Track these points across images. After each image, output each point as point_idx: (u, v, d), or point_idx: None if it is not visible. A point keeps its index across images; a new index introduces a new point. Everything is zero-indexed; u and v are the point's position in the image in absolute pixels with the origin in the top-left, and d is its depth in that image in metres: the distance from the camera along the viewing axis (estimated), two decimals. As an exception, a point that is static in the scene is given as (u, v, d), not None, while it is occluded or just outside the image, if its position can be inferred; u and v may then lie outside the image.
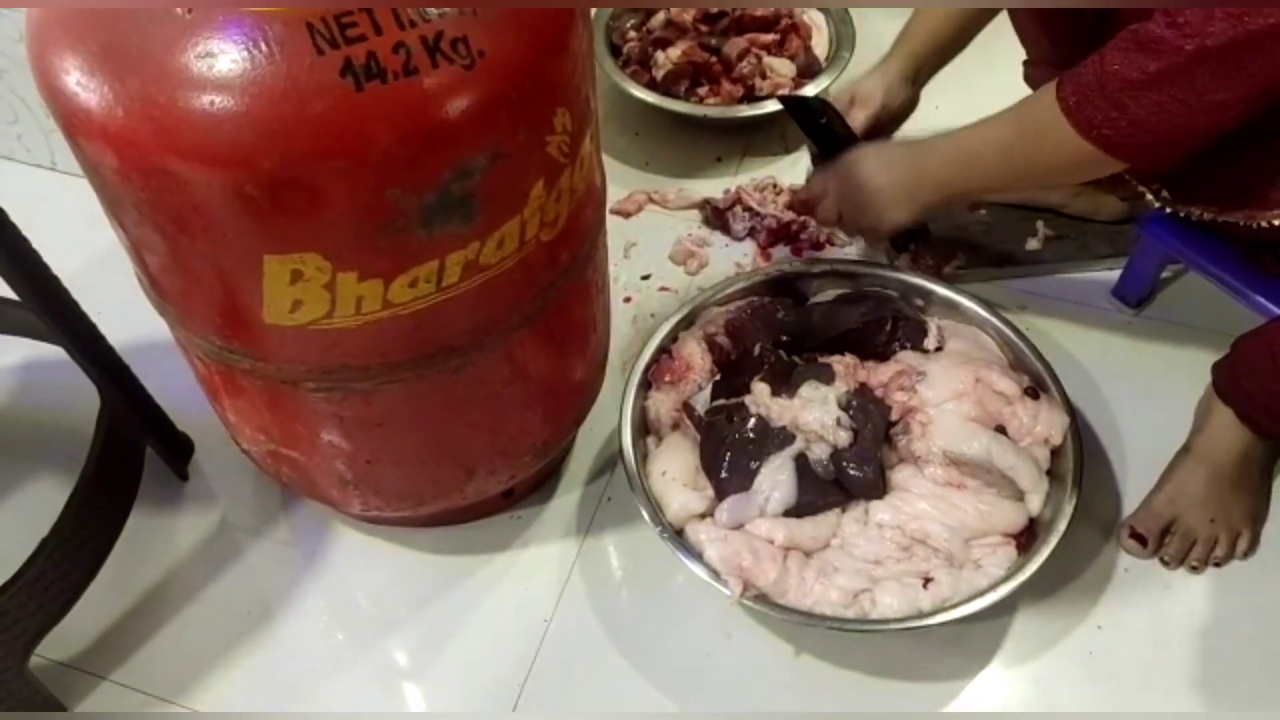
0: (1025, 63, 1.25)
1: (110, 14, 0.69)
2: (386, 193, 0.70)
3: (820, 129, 1.25)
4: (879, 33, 1.56)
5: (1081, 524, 1.10)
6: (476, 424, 0.95)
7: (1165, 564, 1.09)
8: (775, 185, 1.44)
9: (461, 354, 0.86)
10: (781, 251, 1.40)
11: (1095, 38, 1.06)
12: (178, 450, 1.19)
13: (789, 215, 1.40)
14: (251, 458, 1.05)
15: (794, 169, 1.48)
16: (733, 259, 1.40)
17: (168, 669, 1.06)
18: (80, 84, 0.69)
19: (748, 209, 1.41)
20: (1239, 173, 0.93)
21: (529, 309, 0.88)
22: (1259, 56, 0.82)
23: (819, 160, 1.27)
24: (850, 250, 1.39)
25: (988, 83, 1.33)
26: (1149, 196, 1.10)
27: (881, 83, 1.23)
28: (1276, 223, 0.97)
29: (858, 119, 1.24)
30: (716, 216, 1.43)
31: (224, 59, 0.66)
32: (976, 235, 1.35)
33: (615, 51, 1.56)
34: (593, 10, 1.58)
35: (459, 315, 0.83)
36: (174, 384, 1.09)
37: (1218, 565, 1.09)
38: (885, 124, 1.26)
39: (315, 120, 0.66)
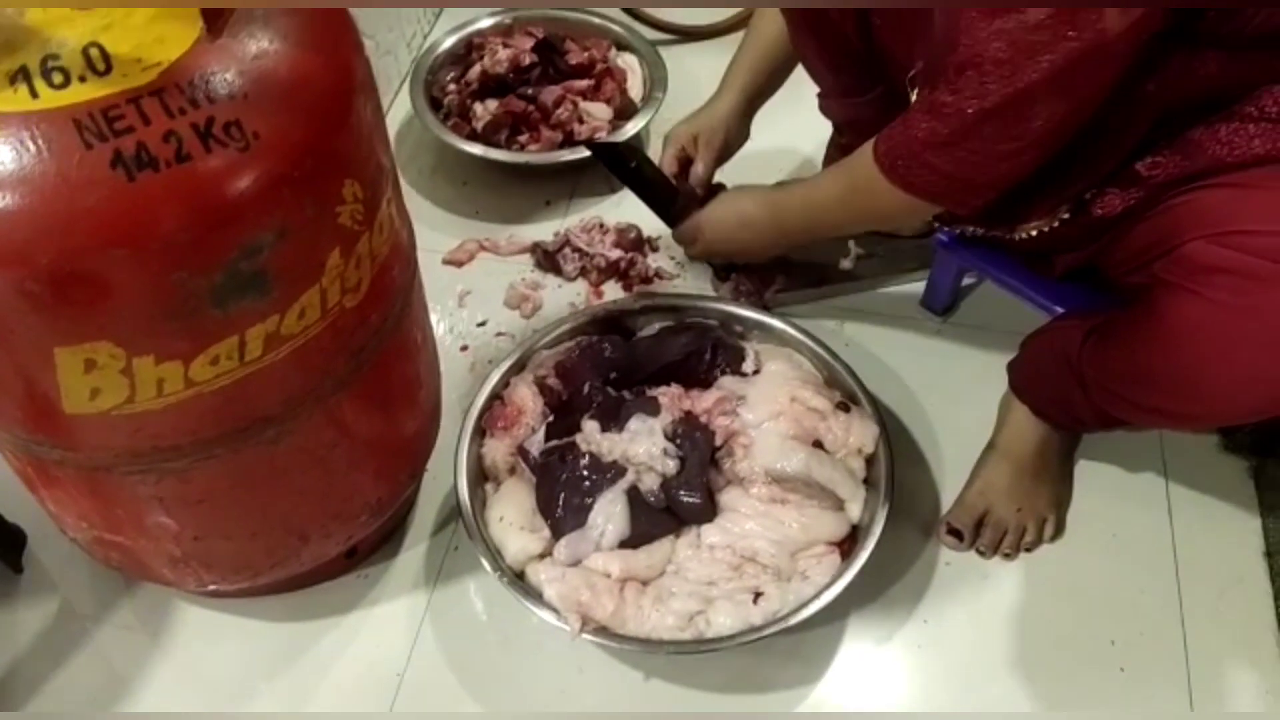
0: (819, 95, 1.32)
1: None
2: (173, 276, 0.71)
3: (630, 172, 1.30)
4: (691, 71, 1.62)
5: (903, 525, 1.17)
6: (304, 490, 0.96)
7: (981, 554, 1.16)
8: (602, 225, 1.48)
9: (277, 424, 0.87)
10: (614, 288, 1.44)
11: (871, 74, 1.14)
12: (9, 542, 1.16)
13: (617, 253, 1.45)
14: (79, 545, 1.03)
15: (618, 208, 1.53)
16: (566, 299, 1.44)
17: (11, 769, 1.04)
18: None
19: (577, 250, 1.45)
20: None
21: (342, 373, 0.89)
22: (1034, 106, 0.89)
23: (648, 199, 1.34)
24: (677, 283, 1.44)
25: (792, 120, 1.41)
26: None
27: (723, 123, 1.32)
28: (1033, 234, 1.06)
29: (706, 161, 1.32)
30: (547, 259, 1.46)
31: (-8, 160, 0.67)
32: (793, 259, 1.41)
33: (436, 105, 1.59)
34: (409, 68, 1.61)
35: (268, 386, 0.84)
36: (-2, 476, 1.07)
37: (1028, 550, 1.17)
38: (724, 159, 1.35)
39: (89, 213, 0.67)
